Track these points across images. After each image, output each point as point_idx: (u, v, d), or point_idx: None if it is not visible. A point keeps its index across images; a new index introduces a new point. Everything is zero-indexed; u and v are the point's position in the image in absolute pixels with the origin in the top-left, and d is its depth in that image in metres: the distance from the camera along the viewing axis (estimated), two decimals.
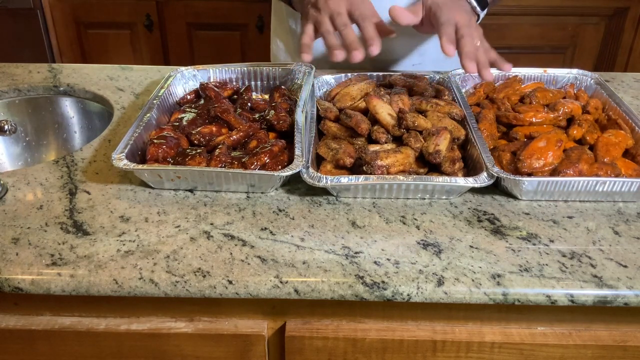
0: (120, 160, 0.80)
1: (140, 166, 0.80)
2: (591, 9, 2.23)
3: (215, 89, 1.02)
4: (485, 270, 0.69)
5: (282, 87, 1.07)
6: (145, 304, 0.73)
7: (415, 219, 0.78)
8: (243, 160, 0.83)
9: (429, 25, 0.99)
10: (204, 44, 2.35)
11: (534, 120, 0.93)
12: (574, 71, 1.09)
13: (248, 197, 0.82)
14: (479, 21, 1.08)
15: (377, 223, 0.77)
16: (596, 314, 0.72)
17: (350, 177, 0.79)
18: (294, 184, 0.84)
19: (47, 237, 0.74)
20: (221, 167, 0.82)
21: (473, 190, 0.83)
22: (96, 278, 0.68)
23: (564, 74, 1.09)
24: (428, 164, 0.85)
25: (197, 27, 2.31)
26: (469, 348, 0.73)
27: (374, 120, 0.90)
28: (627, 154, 0.88)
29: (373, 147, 0.87)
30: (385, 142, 0.87)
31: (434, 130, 0.86)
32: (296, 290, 0.68)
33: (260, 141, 0.88)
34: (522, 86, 1.07)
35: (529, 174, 0.81)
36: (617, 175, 0.81)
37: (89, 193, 0.83)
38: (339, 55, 0.91)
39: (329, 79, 1.07)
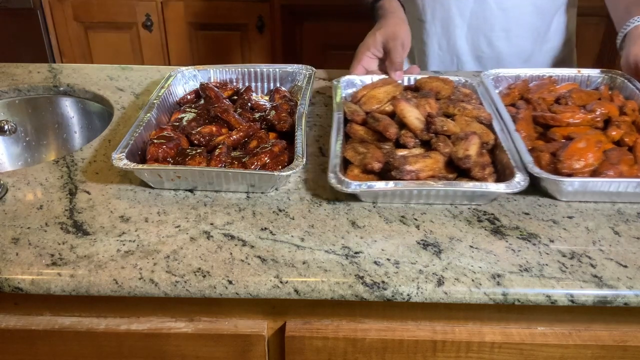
0: (120, 160, 0.80)
1: (140, 166, 0.80)
2: (591, 9, 2.22)
3: (215, 89, 1.02)
4: (485, 270, 0.69)
5: (283, 88, 1.07)
6: (145, 304, 0.73)
7: (415, 219, 0.78)
8: (243, 160, 0.83)
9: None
10: (204, 44, 2.35)
11: (571, 121, 0.92)
12: (608, 72, 1.08)
13: (248, 197, 0.82)
14: None
15: (377, 223, 0.77)
16: (596, 314, 0.72)
17: (380, 182, 0.77)
18: (294, 184, 0.84)
19: (47, 237, 0.74)
20: (221, 167, 0.82)
21: None
22: (96, 278, 0.68)
23: (598, 74, 1.08)
24: (457, 169, 0.83)
25: (197, 27, 2.31)
26: (469, 348, 0.73)
27: (401, 124, 0.88)
28: None
29: (401, 152, 0.85)
30: (413, 147, 0.86)
31: (463, 134, 0.85)
32: (296, 290, 0.68)
33: (261, 141, 0.88)
34: (557, 87, 1.05)
35: (569, 175, 0.81)
36: None
37: (89, 193, 0.83)
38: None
39: (355, 79, 1.05)
